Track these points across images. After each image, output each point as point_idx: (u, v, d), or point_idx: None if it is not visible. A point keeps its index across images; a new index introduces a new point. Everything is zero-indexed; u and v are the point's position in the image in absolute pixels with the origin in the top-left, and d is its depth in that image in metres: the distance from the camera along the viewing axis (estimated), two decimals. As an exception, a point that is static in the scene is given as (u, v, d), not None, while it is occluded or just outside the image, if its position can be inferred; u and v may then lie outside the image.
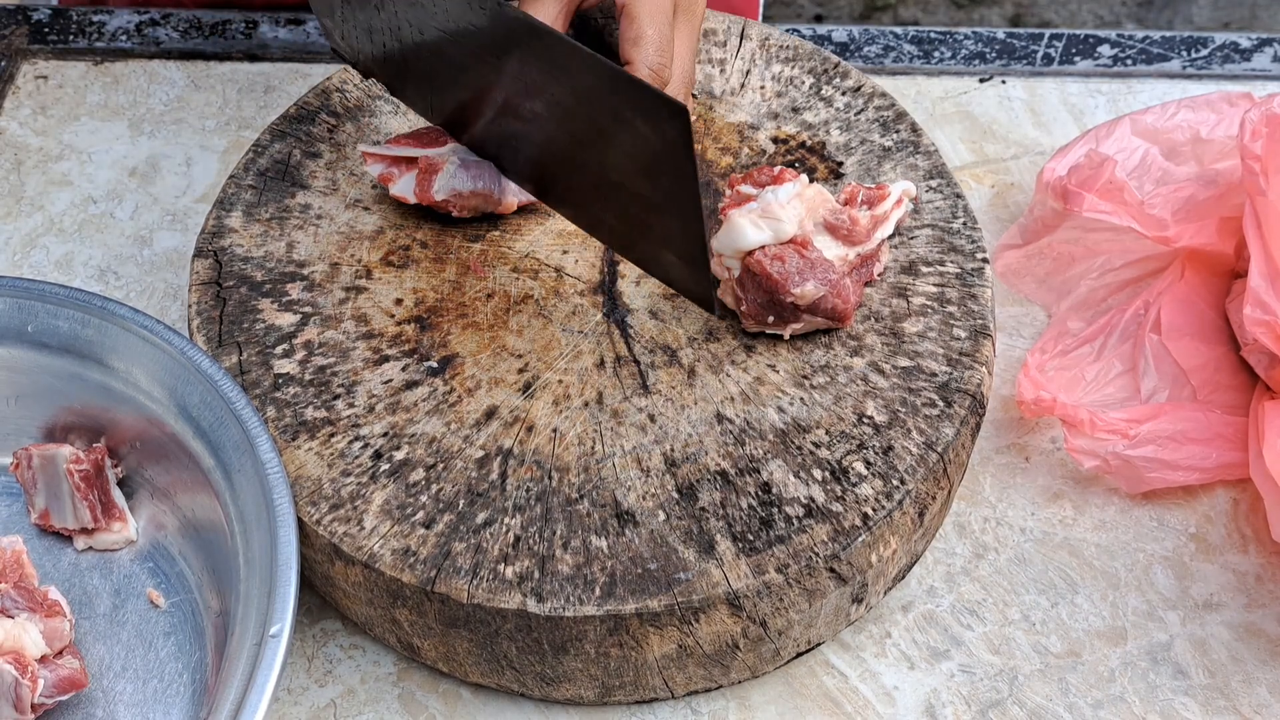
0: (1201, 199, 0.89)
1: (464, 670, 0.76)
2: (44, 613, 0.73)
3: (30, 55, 1.09)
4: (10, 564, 0.75)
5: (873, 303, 0.82)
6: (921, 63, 1.08)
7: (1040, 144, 1.03)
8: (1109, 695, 0.78)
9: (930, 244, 0.85)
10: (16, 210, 0.99)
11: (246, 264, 0.84)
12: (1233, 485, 0.86)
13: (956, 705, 0.77)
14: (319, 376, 0.80)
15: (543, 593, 0.71)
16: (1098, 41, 1.10)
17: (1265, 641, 0.80)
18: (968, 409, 0.78)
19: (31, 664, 0.71)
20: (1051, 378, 0.87)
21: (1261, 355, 0.85)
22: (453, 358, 0.80)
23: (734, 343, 0.81)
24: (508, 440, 0.77)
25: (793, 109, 0.92)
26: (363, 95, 0.92)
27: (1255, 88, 1.06)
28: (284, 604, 0.68)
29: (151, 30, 1.10)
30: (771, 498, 0.74)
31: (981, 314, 0.82)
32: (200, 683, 0.75)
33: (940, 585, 0.82)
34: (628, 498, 0.75)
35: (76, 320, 0.79)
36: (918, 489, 0.75)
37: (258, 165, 0.89)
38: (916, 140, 0.90)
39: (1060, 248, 0.93)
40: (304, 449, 0.77)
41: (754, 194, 0.80)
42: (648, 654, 0.72)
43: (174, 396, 0.76)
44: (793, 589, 0.72)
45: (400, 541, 0.73)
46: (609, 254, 0.85)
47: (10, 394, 0.81)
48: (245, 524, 0.72)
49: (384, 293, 0.83)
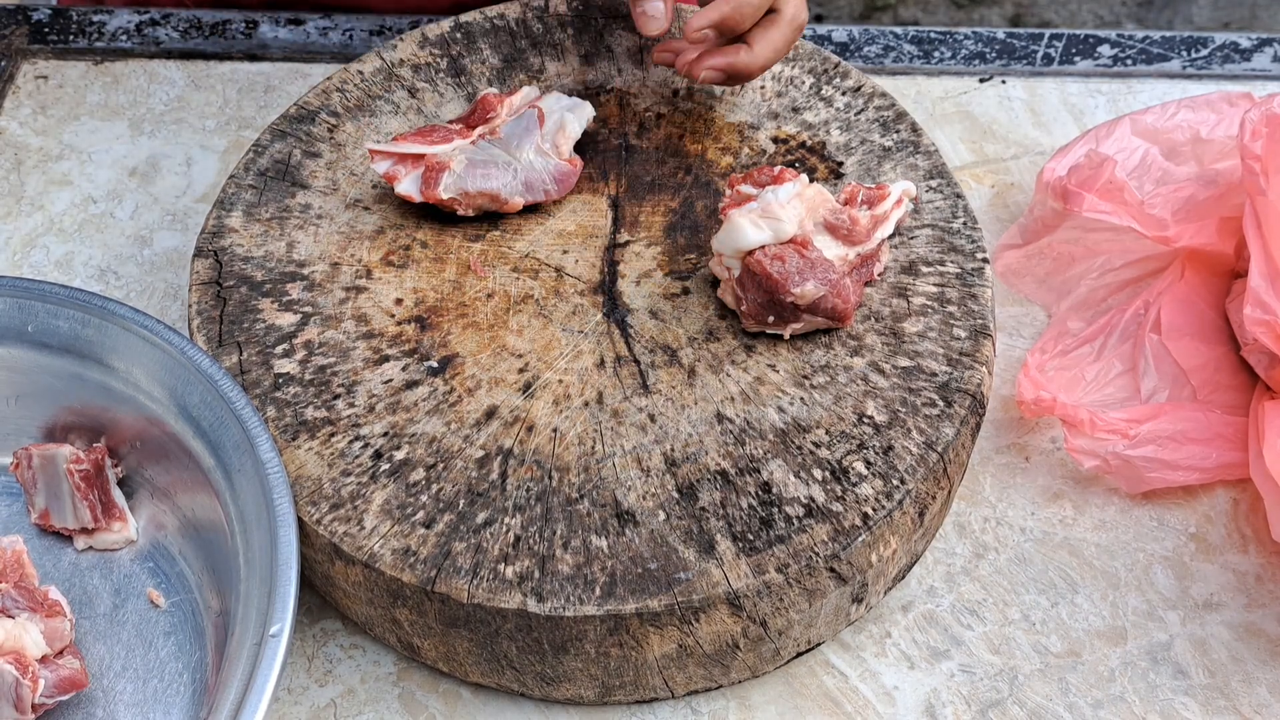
0: (1201, 199, 0.89)
1: (464, 670, 0.76)
2: (44, 613, 0.73)
3: (30, 55, 1.09)
4: (11, 564, 0.75)
5: (873, 303, 0.82)
6: (921, 63, 1.08)
7: (1040, 144, 1.03)
8: (1109, 695, 0.78)
9: (930, 244, 0.85)
10: (16, 210, 0.99)
11: (247, 264, 0.84)
12: (1233, 485, 0.86)
13: (956, 705, 0.77)
14: (319, 376, 0.80)
15: (543, 592, 0.71)
16: (1098, 41, 1.10)
17: (1265, 641, 0.80)
18: (968, 409, 0.78)
19: (32, 664, 0.71)
20: (1051, 378, 0.87)
21: (1261, 355, 0.85)
22: (453, 357, 0.80)
23: (734, 342, 0.81)
24: (508, 440, 0.77)
25: (793, 109, 0.92)
26: (363, 95, 0.92)
27: (1255, 88, 1.06)
28: (284, 604, 0.68)
29: (151, 30, 1.10)
30: (772, 497, 0.74)
31: (981, 314, 0.82)
32: (200, 682, 0.75)
33: (940, 585, 0.82)
34: (628, 497, 0.75)
35: (77, 320, 0.79)
36: (918, 489, 0.75)
37: (258, 165, 0.89)
38: (916, 140, 0.90)
39: (1060, 248, 0.93)
40: (304, 449, 0.77)
41: (754, 194, 0.80)
42: (648, 654, 0.72)
43: (174, 396, 0.76)
44: (793, 589, 0.72)
45: (400, 541, 0.73)
46: (609, 254, 0.85)
47: (10, 394, 0.81)
48: (245, 524, 0.72)
49: (384, 292, 0.83)
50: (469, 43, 0.95)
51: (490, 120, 0.87)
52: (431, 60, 0.94)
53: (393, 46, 0.95)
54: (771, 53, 0.85)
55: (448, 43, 0.95)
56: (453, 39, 0.96)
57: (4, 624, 0.71)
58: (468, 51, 0.95)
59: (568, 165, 0.86)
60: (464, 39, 0.96)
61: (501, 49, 0.95)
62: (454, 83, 0.93)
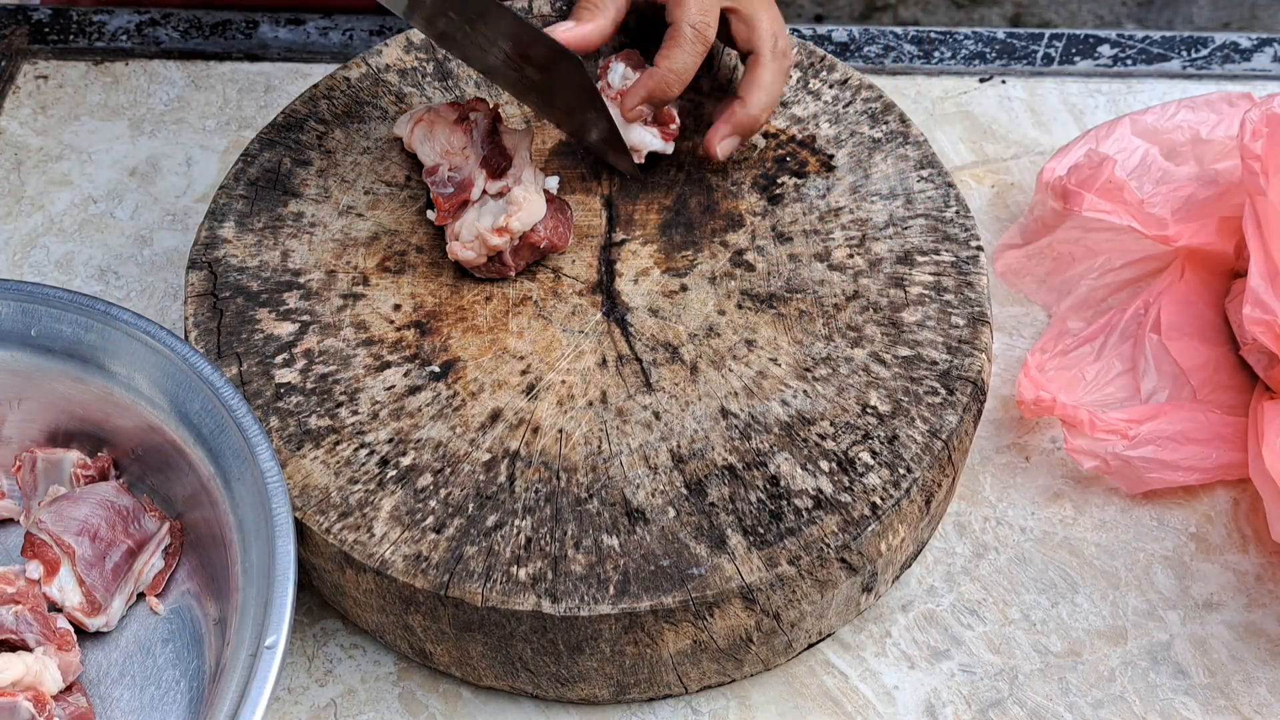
0: (1201, 198, 0.89)
1: (478, 674, 0.76)
2: (57, 643, 0.73)
3: (30, 55, 1.09)
4: (26, 588, 0.75)
5: (870, 293, 0.83)
6: (921, 63, 1.08)
7: (1040, 144, 1.03)
8: (1109, 695, 0.78)
9: (924, 233, 0.85)
10: (16, 210, 0.99)
11: (242, 274, 0.84)
12: (1233, 485, 0.86)
13: (957, 705, 0.78)
14: (321, 385, 0.79)
15: (557, 593, 0.71)
16: (1098, 41, 1.10)
17: (1265, 641, 0.80)
18: (970, 396, 0.78)
19: (49, 703, 0.70)
20: (1051, 378, 0.87)
21: (1261, 355, 0.85)
22: (454, 362, 0.80)
23: (735, 338, 0.81)
24: (514, 442, 0.77)
25: (781, 103, 0.92)
26: (350, 101, 0.92)
27: (1255, 88, 1.06)
28: (280, 616, 0.67)
29: (151, 30, 1.10)
30: (780, 490, 0.75)
31: (979, 301, 0.82)
32: (198, 690, 0.75)
33: (940, 585, 0.82)
34: (637, 495, 0.75)
35: (79, 325, 0.78)
36: (924, 477, 0.75)
37: (248, 174, 0.88)
38: (906, 131, 0.90)
39: (1060, 248, 0.93)
40: (309, 458, 0.76)
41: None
42: (663, 650, 0.73)
43: (175, 403, 0.76)
44: (805, 581, 0.73)
45: (411, 547, 0.73)
46: (605, 253, 0.85)
47: (13, 396, 0.81)
48: (244, 532, 0.72)
49: (382, 299, 0.83)
50: None
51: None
52: (418, 64, 0.94)
53: (378, 52, 0.94)
54: (765, 97, 0.86)
55: (433, 46, 0.95)
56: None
57: (24, 658, 0.70)
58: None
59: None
60: None
61: None
62: (441, 86, 0.93)
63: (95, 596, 0.75)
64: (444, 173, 0.85)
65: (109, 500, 0.77)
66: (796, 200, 0.87)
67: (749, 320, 0.82)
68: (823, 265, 0.84)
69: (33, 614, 0.73)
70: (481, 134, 0.85)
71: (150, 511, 0.79)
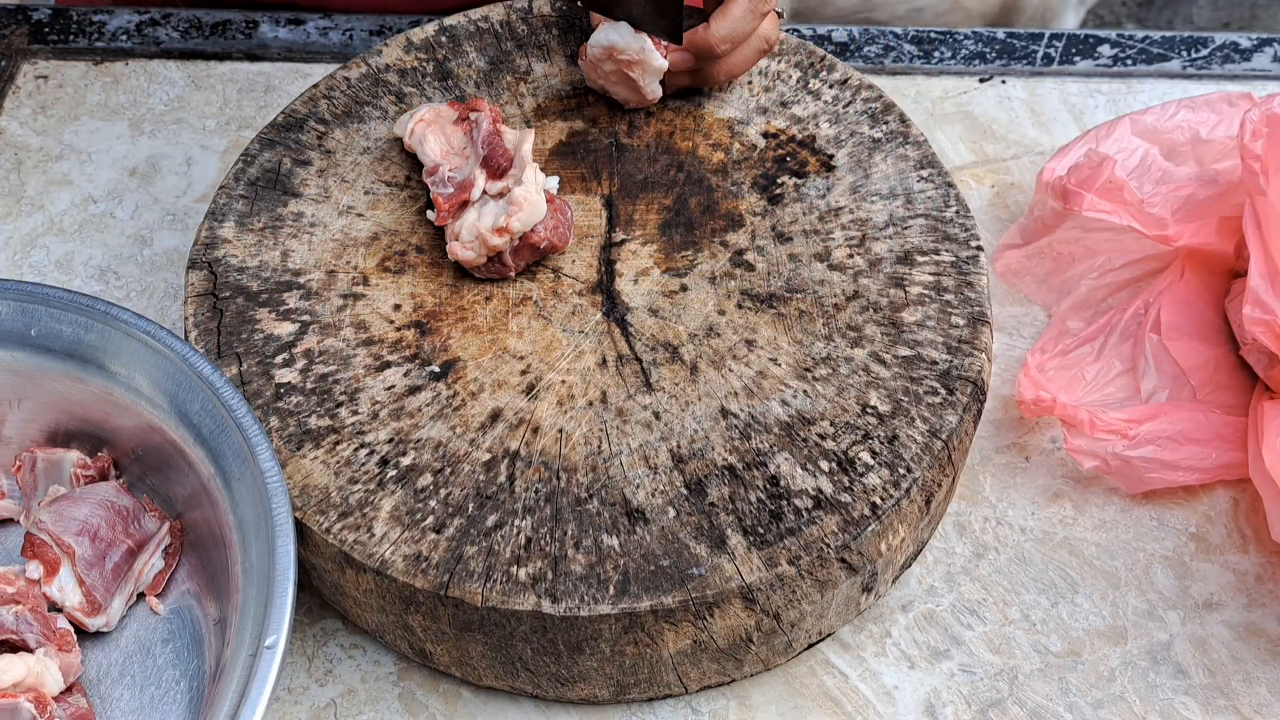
0: (1201, 198, 0.89)
1: (478, 674, 0.76)
2: (58, 644, 0.73)
3: (30, 55, 1.09)
4: (26, 588, 0.75)
5: (870, 293, 0.83)
6: (921, 63, 1.08)
7: (1040, 144, 1.03)
8: (1109, 695, 0.78)
9: (924, 234, 0.85)
10: (16, 210, 0.99)
11: (242, 274, 0.84)
12: (1233, 485, 0.86)
13: (956, 705, 0.78)
14: (321, 385, 0.79)
15: (557, 593, 0.71)
16: (1098, 41, 1.10)
17: (1265, 641, 0.80)
18: (970, 396, 0.78)
19: (50, 704, 0.70)
20: (1051, 378, 0.87)
21: (1261, 355, 0.85)
22: (454, 362, 0.81)
23: (735, 338, 0.81)
24: (514, 442, 0.77)
25: (781, 103, 0.92)
26: (350, 101, 0.92)
27: (1255, 88, 1.06)
28: (279, 616, 0.67)
29: (151, 30, 1.10)
30: (780, 490, 0.75)
31: (979, 301, 0.82)
32: (198, 690, 0.75)
33: (940, 585, 0.82)
34: (637, 495, 0.75)
35: (79, 325, 0.78)
36: (924, 477, 0.75)
37: (248, 175, 0.88)
38: (905, 131, 0.90)
39: (1060, 248, 0.93)
40: (309, 458, 0.76)
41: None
42: (663, 650, 0.73)
43: (175, 403, 0.76)
44: (805, 581, 0.73)
45: (411, 547, 0.73)
46: (605, 253, 0.85)
47: (13, 397, 0.81)
48: (244, 532, 0.72)
49: (382, 299, 0.83)
50: (454, 46, 0.95)
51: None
52: (418, 64, 0.94)
53: (377, 52, 0.94)
54: (728, 28, 0.87)
55: (433, 46, 0.95)
56: (438, 43, 0.95)
57: (26, 660, 0.70)
58: (453, 55, 0.95)
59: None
60: (449, 42, 0.95)
61: (487, 51, 0.95)
62: (441, 86, 0.93)
63: (95, 596, 0.75)
64: (444, 173, 0.85)
65: (109, 500, 0.77)
66: (796, 200, 0.87)
67: (749, 320, 0.82)
68: (823, 265, 0.84)
69: (33, 614, 0.73)
70: (482, 134, 0.85)
71: (150, 511, 0.79)
